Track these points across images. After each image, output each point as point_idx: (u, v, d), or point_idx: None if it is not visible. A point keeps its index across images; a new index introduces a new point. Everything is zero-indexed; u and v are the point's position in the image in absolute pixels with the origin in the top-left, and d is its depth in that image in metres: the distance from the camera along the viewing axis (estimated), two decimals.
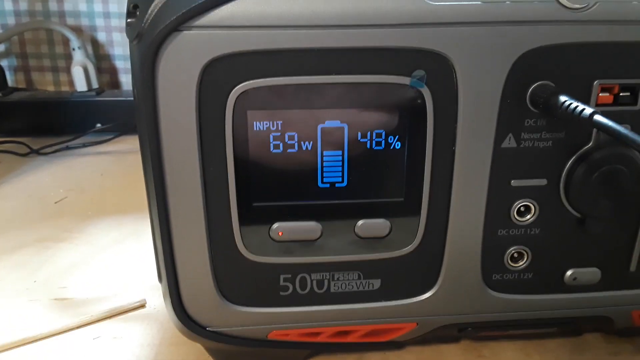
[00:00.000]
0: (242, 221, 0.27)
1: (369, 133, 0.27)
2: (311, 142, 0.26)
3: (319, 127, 0.26)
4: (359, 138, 0.27)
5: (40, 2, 0.86)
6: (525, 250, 0.29)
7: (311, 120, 0.26)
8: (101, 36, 0.89)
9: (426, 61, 0.25)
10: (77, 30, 0.87)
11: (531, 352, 0.33)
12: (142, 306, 0.38)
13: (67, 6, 0.87)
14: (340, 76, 0.25)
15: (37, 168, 0.66)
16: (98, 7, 0.87)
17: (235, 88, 0.25)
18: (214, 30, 0.24)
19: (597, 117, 0.22)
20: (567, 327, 0.33)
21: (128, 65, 0.91)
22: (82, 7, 0.87)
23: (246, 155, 0.26)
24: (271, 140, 0.26)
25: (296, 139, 0.26)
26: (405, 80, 0.26)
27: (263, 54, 0.25)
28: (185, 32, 0.24)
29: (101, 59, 0.90)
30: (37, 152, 0.70)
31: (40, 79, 0.91)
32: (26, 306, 0.38)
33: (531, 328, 0.32)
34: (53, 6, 0.87)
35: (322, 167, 0.27)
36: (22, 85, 0.91)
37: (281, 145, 0.26)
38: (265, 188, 0.27)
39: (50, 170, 0.65)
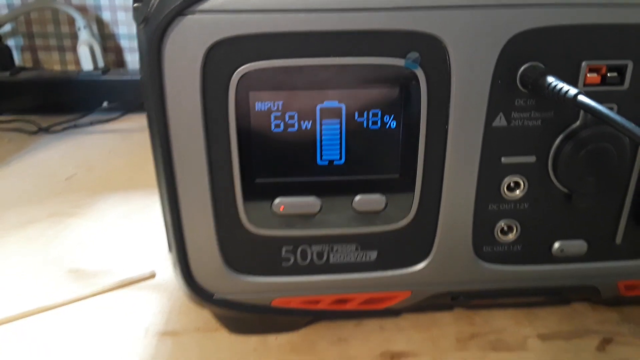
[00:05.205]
0: (246, 196, 0.29)
1: (365, 113, 0.28)
2: (310, 122, 0.28)
3: (318, 107, 0.28)
4: (356, 117, 0.28)
5: None
6: (514, 224, 0.31)
7: (310, 100, 0.27)
8: (106, 15, 0.90)
9: (420, 43, 0.26)
10: (82, 9, 0.87)
11: (521, 320, 0.35)
12: (152, 277, 0.40)
13: None
14: (338, 58, 0.26)
15: (46, 146, 0.68)
16: None
17: (238, 70, 0.26)
18: (216, 14, 0.25)
19: (581, 98, 0.24)
20: (555, 296, 0.34)
21: (133, 44, 0.92)
22: None
23: (249, 134, 0.27)
24: (272, 119, 0.27)
25: (296, 118, 0.28)
26: (400, 62, 0.27)
27: (264, 37, 0.26)
28: (189, 16, 0.25)
29: (106, 38, 0.91)
30: (46, 131, 0.72)
31: (47, 58, 0.92)
32: (42, 277, 0.40)
33: (520, 297, 0.34)
34: None
35: (321, 145, 0.28)
36: (29, 65, 0.92)
37: (282, 124, 0.28)
38: (267, 165, 0.28)
39: (59, 148, 0.67)
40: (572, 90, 0.24)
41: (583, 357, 0.32)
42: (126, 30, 0.91)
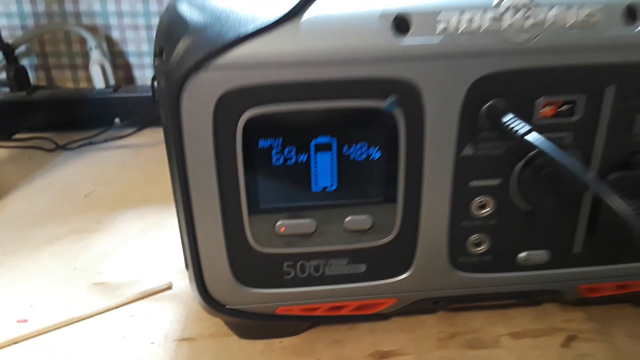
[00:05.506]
0: (252, 220, 0.33)
1: (353, 146, 0.32)
2: (306, 155, 0.32)
3: (313, 142, 0.32)
4: (345, 150, 0.32)
5: (57, 3, 0.92)
6: (484, 237, 0.35)
7: (306, 137, 0.32)
8: (115, 34, 0.95)
9: (398, 88, 0.31)
10: (92, 29, 0.92)
11: (496, 321, 0.39)
12: (169, 288, 0.44)
13: (82, 7, 0.92)
14: (329, 102, 0.31)
15: (64, 163, 0.72)
16: (111, 7, 0.93)
17: (244, 114, 0.31)
18: (224, 70, 0.29)
19: (528, 137, 0.28)
20: (523, 299, 0.39)
21: (141, 61, 0.97)
22: (97, 7, 0.92)
23: (253, 167, 0.32)
24: (274, 154, 0.32)
25: (294, 152, 0.32)
26: (381, 103, 0.31)
27: (265, 86, 0.30)
28: (202, 72, 0.29)
29: (116, 56, 0.96)
30: (63, 148, 0.76)
31: (60, 76, 0.97)
32: (70, 290, 0.44)
33: (493, 300, 0.38)
34: (69, 7, 0.92)
35: (315, 174, 0.33)
36: (42, 82, 0.97)
37: (282, 158, 0.32)
38: (270, 193, 0.33)
39: (76, 165, 0.71)
40: (521, 130, 0.29)
41: (549, 353, 0.37)
42: (134, 48, 0.96)
